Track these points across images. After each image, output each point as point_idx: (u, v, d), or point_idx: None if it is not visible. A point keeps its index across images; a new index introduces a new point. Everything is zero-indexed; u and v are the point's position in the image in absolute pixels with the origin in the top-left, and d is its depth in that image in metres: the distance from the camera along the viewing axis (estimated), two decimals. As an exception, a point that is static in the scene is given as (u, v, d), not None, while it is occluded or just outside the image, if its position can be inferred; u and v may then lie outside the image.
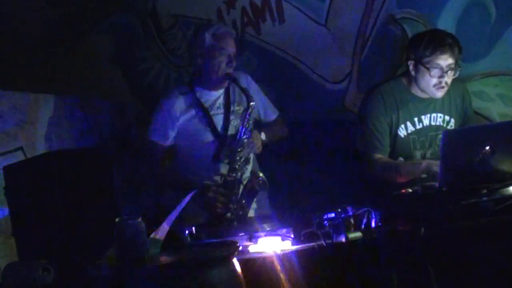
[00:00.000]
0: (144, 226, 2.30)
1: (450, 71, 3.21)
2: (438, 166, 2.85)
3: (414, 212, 2.70)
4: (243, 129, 3.24)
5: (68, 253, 2.36)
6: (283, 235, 2.70)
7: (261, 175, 3.19)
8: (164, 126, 3.34)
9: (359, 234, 2.61)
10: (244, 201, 3.19)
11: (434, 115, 3.34)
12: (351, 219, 2.64)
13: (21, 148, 3.80)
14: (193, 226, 2.79)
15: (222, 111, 3.36)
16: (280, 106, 3.54)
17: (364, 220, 2.66)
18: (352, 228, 2.63)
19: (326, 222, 2.62)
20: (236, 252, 2.43)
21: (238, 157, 3.23)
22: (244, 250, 2.61)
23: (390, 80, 3.45)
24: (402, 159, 3.31)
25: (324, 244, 2.57)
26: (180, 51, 4.15)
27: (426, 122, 3.34)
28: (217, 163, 3.30)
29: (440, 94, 3.26)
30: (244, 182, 3.25)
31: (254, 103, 3.26)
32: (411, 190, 2.92)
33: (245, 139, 3.24)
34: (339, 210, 2.67)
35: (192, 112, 3.33)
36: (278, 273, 2.50)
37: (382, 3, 3.92)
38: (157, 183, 3.49)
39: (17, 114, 3.83)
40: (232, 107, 3.36)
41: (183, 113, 3.33)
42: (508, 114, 3.77)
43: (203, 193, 3.12)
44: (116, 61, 4.27)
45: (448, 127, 3.35)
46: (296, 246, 2.63)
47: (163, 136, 3.35)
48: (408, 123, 3.32)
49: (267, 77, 4.11)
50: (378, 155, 3.28)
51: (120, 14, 4.24)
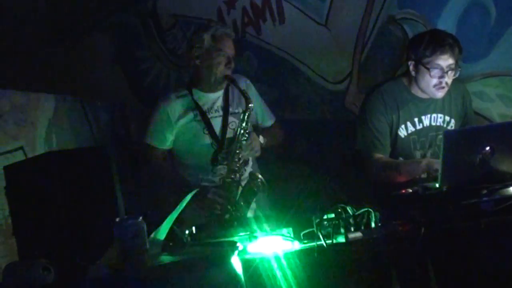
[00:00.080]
0: (144, 226, 2.31)
1: (450, 72, 3.20)
2: (438, 164, 2.85)
3: (414, 213, 2.70)
4: (242, 130, 3.23)
5: (68, 253, 2.36)
6: (283, 235, 2.70)
7: (259, 177, 3.19)
8: (162, 130, 3.33)
9: (359, 235, 2.61)
10: (243, 202, 3.19)
11: (434, 115, 3.34)
12: (351, 219, 2.65)
13: (21, 147, 3.79)
14: (193, 226, 2.80)
15: (220, 114, 3.35)
16: (280, 106, 3.54)
17: (364, 220, 2.66)
18: (352, 228, 2.63)
19: (326, 222, 2.63)
20: (236, 252, 2.44)
21: (236, 158, 3.23)
22: (244, 250, 2.61)
23: (391, 80, 3.45)
24: (402, 159, 3.31)
25: (324, 245, 2.57)
26: (181, 51, 4.15)
27: (427, 122, 3.34)
28: (215, 166, 3.29)
29: (440, 94, 3.25)
30: (242, 183, 3.25)
31: (252, 104, 3.25)
32: (411, 190, 2.93)
33: (243, 141, 3.24)
34: (339, 210, 2.67)
35: (190, 115, 3.32)
36: (278, 273, 2.50)
37: (383, 3, 3.92)
38: (155, 186, 3.48)
39: (17, 113, 3.82)
40: (231, 109, 3.35)
41: (181, 116, 3.31)
42: (508, 115, 3.77)
43: (202, 195, 3.12)
44: (117, 61, 4.27)
45: (449, 128, 3.35)
46: (296, 246, 2.63)
47: (161, 140, 3.34)
48: (409, 124, 3.32)
49: (267, 77, 4.11)
50: (378, 155, 3.27)
51: (120, 14, 4.24)
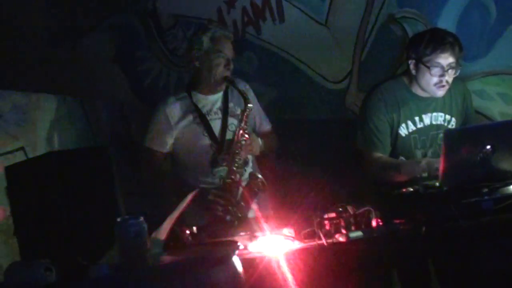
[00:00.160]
0: (146, 226, 2.31)
1: (450, 70, 3.20)
2: (438, 164, 2.85)
3: (415, 211, 2.70)
4: (241, 131, 3.24)
5: (69, 253, 2.36)
6: (284, 234, 2.70)
7: (260, 177, 3.19)
8: (162, 133, 3.32)
9: (360, 234, 2.62)
10: (244, 203, 3.18)
11: (435, 114, 3.34)
12: (351, 219, 2.65)
13: (22, 148, 3.80)
14: (194, 226, 2.80)
15: (219, 116, 3.34)
16: (280, 106, 3.53)
17: (365, 219, 2.66)
18: (353, 228, 2.63)
19: (327, 222, 2.63)
20: (237, 251, 2.44)
21: (236, 159, 3.23)
22: (245, 250, 2.61)
23: (391, 79, 3.45)
24: (403, 158, 3.31)
25: (325, 244, 2.57)
26: (181, 51, 4.15)
27: (427, 121, 3.33)
28: (215, 168, 3.29)
29: (441, 93, 3.25)
30: (243, 184, 3.25)
31: (252, 105, 3.25)
32: (412, 189, 2.93)
33: (243, 141, 3.24)
34: (340, 209, 2.67)
35: (189, 118, 3.32)
36: (279, 272, 2.50)
37: (383, 2, 3.93)
38: (156, 189, 3.49)
39: (18, 114, 3.82)
40: (230, 111, 3.35)
41: (180, 119, 3.31)
42: (508, 113, 3.77)
43: (202, 196, 3.12)
44: (117, 61, 4.27)
45: (449, 126, 3.35)
46: (297, 245, 2.63)
47: (161, 144, 3.34)
48: (409, 122, 3.32)
49: (268, 77, 4.11)
50: (378, 154, 3.27)
51: (120, 14, 4.24)
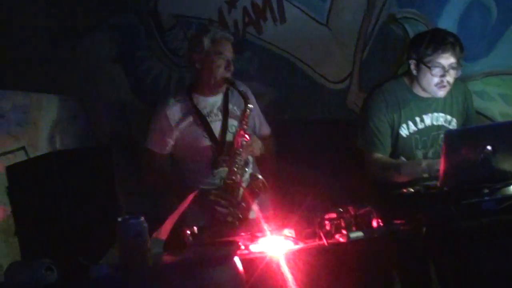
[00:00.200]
0: (146, 226, 2.31)
1: (452, 70, 3.20)
2: (438, 165, 2.85)
3: (415, 212, 2.70)
4: (242, 131, 3.24)
5: (70, 252, 2.36)
6: (284, 235, 2.70)
7: (260, 178, 3.19)
8: (162, 135, 3.33)
9: (360, 234, 2.62)
10: (245, 204, 3.19)
11: (436, 114, 3.34)
12: (352, 219, 2.65)
13: (23, 148, 3.80)
14: (194, 226, 2.80)
15: (220, 118, 3.35)
16: (281, 106, 3.53)
17: (366, 219, 2.66)
18: (354, 228, 2.63)
19: (327, 222, 2.63)
20: (237, 251, 2.44)
21: (237, 159, 3.24)
22: (245, 250, 2.61)
23: (392, 79, 3.45)
24: (404, 158, 3.31)
25: (326, 244, 2.57)
26: (181, 51, 4.15)
27: (428, 121, 3.33)
28: (216, 169, 3.29)
29: (442, 93, 3.25)
30: (244, 185, 3.26)
31: (252, 105, 3.26)
32: (413, 190, 2.93)
33: (243, 142, 3.25)
34: (341, 209, 2.67)
35: (189, 119, 3.32)
36: (280, 273, 2.50)
37: (383, 2, 3.93)
38: (156, 191, 3.49)
39: (19, 114, 3.82)
40: (230, 113, 3.36)
41: (180, 120, 3.32)
42: (509, 114, 3.78)
43: (203, 197, 3.12)
44: (117, 61, 4.27)
45: (450, 127, 3.34)
46: (298, 246, 2.63)
47: (162, 145, 3.34)
48: (410, 123, 3.32)
49: (268, 76, 4.11)
50: (378, 155, 3.27)
51: (121, 14, 4.24)
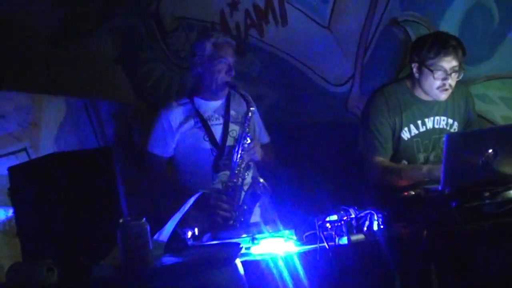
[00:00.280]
0: (148, 227, 2.31)
1: (454, 74, 3.20)
2: (439, 170, 2.85)
3: (416, 215, 2.70)
4: (243, 134, 3.25)
5: (72, 253, 2.36)
6: (285, 237, 2.71)
7: (262, 181, 3.20)
8: (164, 138, 3.35)
9: (361, 237, 2.62)
10: (246, 207, 3.19)
11: (437, 118, 3.34)
12: (353, 222, 2.65)
13: (25, 149, 3.80)
14: (196, 227, 2.80)
15: (221, 122, 3.37)
16: (282, 109, 3.53)
17: (367, 222, 2.66)
18: (355, 231, 2.63)
19: (328, 225, 2.63)
20: (239, 253, 2.44)
21: (239, 162, 3.24)
22: (247, 252, 2.61)
23: (393, 82, 3.45)
24: (405, 162, 3.31)
25: (327, 246, 2.57)
26: (183, 53, 4.16)
27: (430, 125, 3.33)
28: (217, 173, 3.30)
29: (444, 96, 3.25)
30: (245, 188, 3.26)
31: (254, 108, 3.28)
32: (414, 193, 2.93)
33: (245, 145, 3.26)
34: (342, 212, 2.68)
35: (191, 123, 3.35)
36: (281, 275, 2.51)
37: (385, 5, 3.92)
38: (157, 194, 3.50)
39: (20, 115, 3.82)
40: (232, 117, 3.37)
41: (182, 123, 3.34)
42: (511, 117, 3.76)
43: (205, 200, 3.13)
44: (120, 62, 4.28)
45: (452, 130, 3.34)
46: (299, 248, 2.64)
47: (163, 148, 3.36)
48: (412, 126, 3.32)
49: (270, 79, 4.11)
50: (380, 158, 3.27)
51: (123, 16, 4.25)
